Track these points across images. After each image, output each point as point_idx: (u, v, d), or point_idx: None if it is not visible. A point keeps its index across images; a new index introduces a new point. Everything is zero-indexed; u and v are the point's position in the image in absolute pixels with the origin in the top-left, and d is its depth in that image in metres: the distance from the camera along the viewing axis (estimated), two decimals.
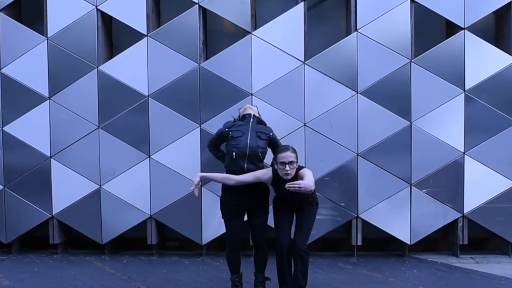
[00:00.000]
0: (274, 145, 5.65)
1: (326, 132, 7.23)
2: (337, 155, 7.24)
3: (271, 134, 5.58)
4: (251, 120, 5.56)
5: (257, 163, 5.49)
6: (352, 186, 7.29)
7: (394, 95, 7.18)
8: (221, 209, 5.61)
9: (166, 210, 7.44)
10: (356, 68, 7.18)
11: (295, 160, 5.17)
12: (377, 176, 7.27)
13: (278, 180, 5.26)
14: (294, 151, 5.21)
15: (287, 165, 5.11)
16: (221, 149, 5.82)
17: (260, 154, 5.47)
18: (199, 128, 7.30)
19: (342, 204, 7.32)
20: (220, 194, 5.67)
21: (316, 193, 5.59)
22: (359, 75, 7.19)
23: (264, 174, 5.35)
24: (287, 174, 5.13)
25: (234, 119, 5.69)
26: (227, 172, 5.56)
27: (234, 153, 5.43)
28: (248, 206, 5.52)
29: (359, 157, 7.24)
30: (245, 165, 5.44)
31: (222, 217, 5.61)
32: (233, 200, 5.47)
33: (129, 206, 7.49)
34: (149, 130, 7.37)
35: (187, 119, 7.32)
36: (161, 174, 7.40)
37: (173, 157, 7.36)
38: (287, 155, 5.13)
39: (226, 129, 5.56)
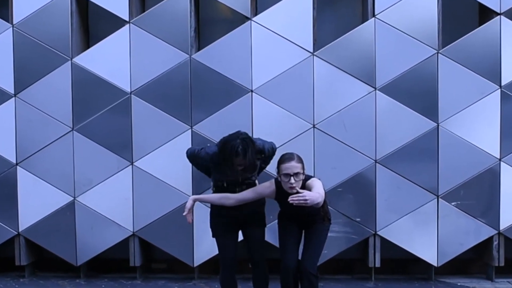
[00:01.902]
0: (271, 157, 5.66)
1: (339, 135, 7.22)
2: (351, 162, 7.24)
3: (263, 155, 5.52)
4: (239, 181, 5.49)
5: (251, 177, 5.53)
6: (369, 198, 7.28)
7: (418, 92, 7.17)
8: (211, 224, 5.68)
9: (152, 226, 7.43)
10: (373, 60, 7.17)
11: (301, 171, 5.16)
12: (398, 187, 7.26)
13: (282, 193, 5.24)
14: (300, 161, 5.21)
15: (291, 177, 5.09)
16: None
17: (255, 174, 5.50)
18: (190, 130, 7.30)
19: (358, 219, 7.32)
20: None
21: (328, 206, 5.57)
22: (377, 69, 7.18)
23: (266, 188, 5.37)
24: (292, 188, 5.10)
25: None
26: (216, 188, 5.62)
27: (225, 183, 5.47)
28: (242, 218, 5.55)
29: (377, 164, 7.24)
30: (239, 189, 5.48)
31: (213, 235, 5.67)
32: (224, 211, 5.51)
33: (108, 222, 7.46)
34: (132, 132, 7.37)
35: (176, 120, 7.32)
36: (145, 184, 7.39)
37: (160, 164, 7.36)
38: (292, 166, 5.12)
39: (212, 164, 5.54)
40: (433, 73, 7.14)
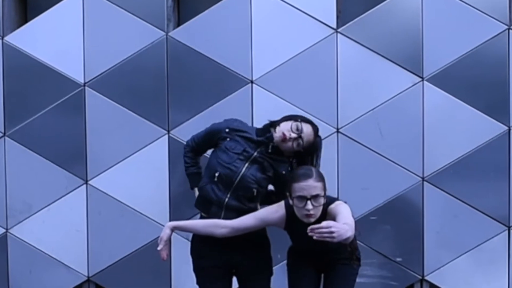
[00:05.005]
0: (279, 182, 5.61)
1: (373, 143, 7.21)
2: (389, 180, 7.22)
3: (283, 172, 5.51)
4: (270, 146, 5.47)
5: (244, 202, 5.46)
6: (414, 230, 7.25)
7: (482, 83, 7.13)
8: (194, 267, 5.63)
9: (114, 269, 7.47)
10: (420, 40, 7.15)
11: (322, 193, 4.98)
12: (454, 214, 7.21)
13: (295, 222, 5.11)
14: (320, 178, 5.04)
15: (308, 202, 4.92)
16: (199, 164, 5.82)
17: (253, 191, 5.44)
18: (166, 135, 7.32)
19: (399, 259, 7.26)
20: None
21: (358, 241, 5.49)
22: (425, 51, 7.15)
23: (272, 213, 5.23)
24: (309, 215, 4.95)
25: (265, 129, 5.57)
26: (198, 205, 5.59)
27: (217, 173, 5.40)
28: (237, 262, 5.48)
29: (425, 183, 7.20)
30: (226, 197, 5.43)
31: (197, 283, 5.62)
32: (211, 251, 5.42)
33: (54, 263, 7.50)
34: (86, 139, 7.41)
35: (147, 122, 7.35)
36: (105, 210, 7.42)
37: (124, 183, 7.39)
38: (309, 186, 4.94)
39: (227, 129, 5.51)
40: (502, 57, 7.11)
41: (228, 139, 5.47)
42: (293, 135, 5.29)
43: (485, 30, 7.11)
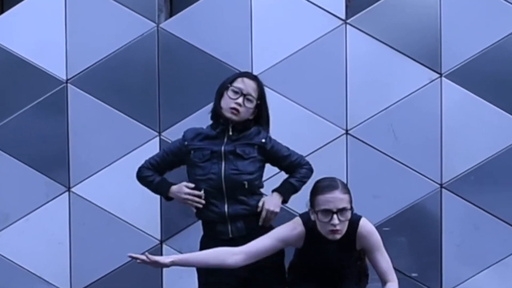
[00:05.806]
0: (276, 157, 5.61)
1: (385, 146, 7.10)
2: (404, 187, 7.09)
3: (263, 140, 5.50)
4: (229, 128, 5.44)
5: (245, 201, 5.44)
6: (431, 242, 7.13)
7: (505, 79, 7.01)
8: (199, 283, 5.52)
9: (99, 285, 7.37)
10: (438, 32, 7.05)
11: (349, 206, 4.85)
12: (475, 225, 7.06)
13: (315, 239, 5.00)
14: (347, 190, 4.94)
15: (335, 216, 4.77)
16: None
17: (246, 183, 5.38)
18: (157, 138, 7.23)
19: (414, 274, 7.12)
20: None
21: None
22: (443, 45, 7.04)
23: (290, 230, 5.11)
24: (335, 232, 4.81)
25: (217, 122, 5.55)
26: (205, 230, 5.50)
27: (202, 190, 5.38)
28: (247, 277, 5.36)
29: (443, 190, 7.07)
30: (226, 208, 5.36)
31: None
32: (220, 268, 5.22)
33: (34, 278, 7.42)
34: (68, 142, 7.33)
35: (136, 123, 7.28)
36: (90, 220, 7.34)
37: (111, 190, 7.31)
38: (335, 198, 4.81)
39: (186, 142, 5.48)
40: None
41: (192, 151, 5.47)
42: (240, 100, 5.34)
43: (510, 21, 7.00)
